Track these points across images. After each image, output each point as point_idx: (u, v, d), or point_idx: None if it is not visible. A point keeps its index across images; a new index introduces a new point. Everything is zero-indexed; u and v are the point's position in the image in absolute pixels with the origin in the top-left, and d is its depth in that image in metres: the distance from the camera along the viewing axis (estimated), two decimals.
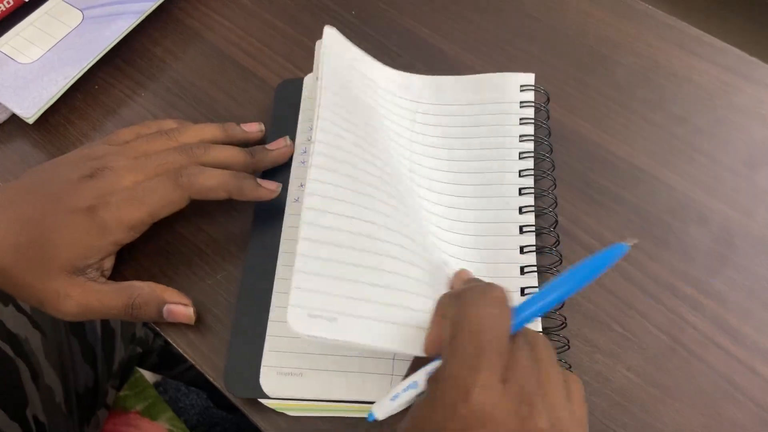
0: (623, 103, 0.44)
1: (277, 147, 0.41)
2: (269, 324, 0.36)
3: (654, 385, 0.35)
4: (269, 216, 0.40)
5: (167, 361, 0.73)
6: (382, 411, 0.28)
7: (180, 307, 0.37)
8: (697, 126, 0.43)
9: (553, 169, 0.40)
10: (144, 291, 0.37)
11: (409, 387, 0.28)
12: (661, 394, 0.35)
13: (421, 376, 0.28)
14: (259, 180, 0.39)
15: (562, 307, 0.36)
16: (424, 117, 0.42)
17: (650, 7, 0.48)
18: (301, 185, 0.40)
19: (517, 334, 0.29)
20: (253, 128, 0.42)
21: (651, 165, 0.42)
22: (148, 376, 0.75)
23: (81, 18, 0.47)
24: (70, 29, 0.46)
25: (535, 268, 0.37)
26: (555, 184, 0.40)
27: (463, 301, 0.29)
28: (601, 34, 0.47)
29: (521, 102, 0.42)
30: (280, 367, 0.35)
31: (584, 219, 0.40)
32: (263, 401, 0.35)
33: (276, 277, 0.38)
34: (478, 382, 0.26)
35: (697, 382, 0.35)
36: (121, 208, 0.36)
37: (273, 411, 0.36)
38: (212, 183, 0.37)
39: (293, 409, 0.35)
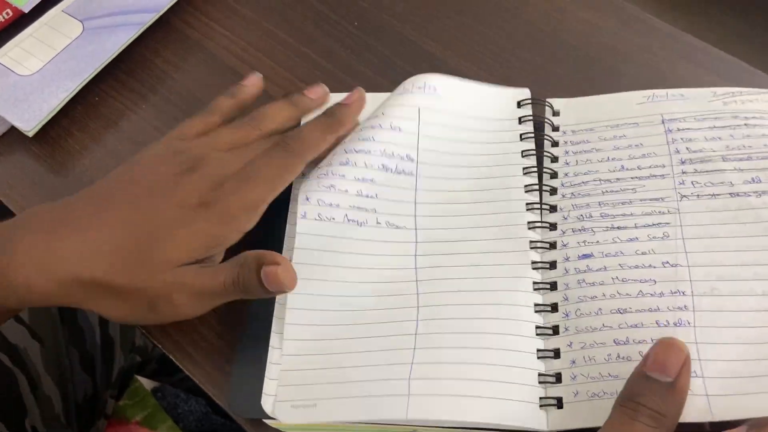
0: None
1: (316, 95, 0.41)
2: (270, 351, 0.36)
3: None
4: (272, 230, 0.39)
5: (166, 368, 0.73)
6: None
7: (272, 268, 0.32)
8: None
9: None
10: (248, 257, 0.33)
11: None
12: None
13: None
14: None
15: None
16: (428, 128, 0.42)
17: (655, 18, 0.48)
18: (307, 198, 0.39)
19: None
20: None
21: None
22: (146, 381, 0.75)
23: (81, 29, 0.47)
24: (71, 40, 0.46)
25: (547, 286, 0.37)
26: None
27: None
28: (605, 44, 0.47)
29: (520, 117, 0.42)
30: (291, 400, 0.34)
31: None
32: (268, 422, 0.35)
33: (276, 302, 0.37)
34: None
35: None
36: (240, 191, 0.35)
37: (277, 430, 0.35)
38: (316, 135, 0.38)
39: (298, 429, 0.35)
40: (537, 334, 0.35)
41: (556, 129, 0.42)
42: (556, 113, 0.43)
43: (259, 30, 0.49)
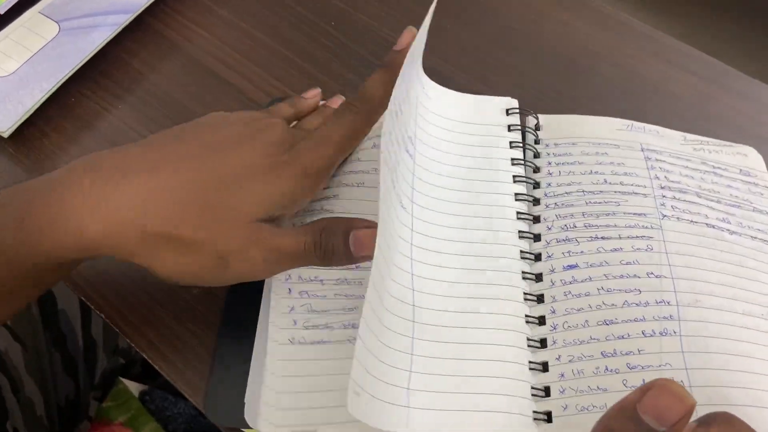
0: (602, 112, 0.44)
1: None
2: (266, 374, 0.34)
3: None
4: None
5: (152, 370, 0.72)
6: None
7: (364, 232, 0.31)
8: None
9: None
10: (332, 221, 0.32)
11: None
12: None
13: None
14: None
15: None
16: (423, 125, 0.40)
17: (630, 17, 0.48)
18: None
19: None
20: (312, 94, 0.42)
21: None
22: (134, 386, 0.74)
23: (57, 30, 0.47)
24: (47, 41, 0.46)
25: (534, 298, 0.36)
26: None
27: None
28: (581, 44, 0.47)
29: (509, 125, 0.42)
30: (287, 425, 0.33)
31: None
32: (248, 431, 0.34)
33: (269, 322, 0.36)
34: None
35: None
36: (314, 151, 0.34)
37: None
38: (380, 92, 0.36)
39: None
40: (528, 346, 0.34)
41: (537, 142, 0.42)
42: (538, 127, 0.43)
43: (237, 30, 0.49)
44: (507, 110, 0.42)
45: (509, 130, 0.42)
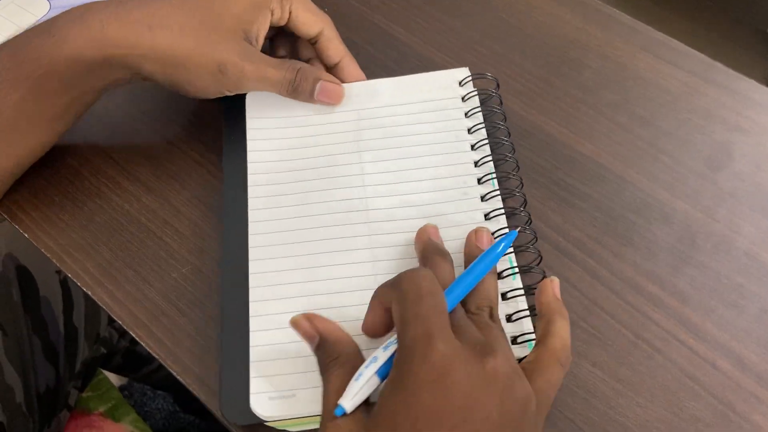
0: (590, 103, 0.45)
1: None
2: (251, 350, 0.34)
3: (618, 380, 0.36)
4: (236, 217, 0.39)
5: (132, 362, 0.72)
6: (349, 397, 0.28)
7: (331, 85, 0.42)
8: (661, 128, 0.44)
9: (518, 169, 0.40)
10: (304, 66, 0.41)
11: (370, 362, 0.29)
12: (625, 389, 0.36)
13: (379, 351, 0.29)
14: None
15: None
16: (368, 122, 0.42)
17: (618, 11, 0.49)
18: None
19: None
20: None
21: (616, 164, 0.43)
22: (114, 379, 0.73)
23: (48, 8, 0.46)
24: (37, 19, 0.46)
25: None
26: (522, 183, 0.40)
27: (401, 284, 0.30)
28: (570, 36, 0.48)
29: (463, 96, 0.42)
30: (270, 391, 0.33)
31: (551, 216, 0.41)
32: (273, 424, 0.34)
33: (250, 299, 0.36)
34: (437, 336, 0.28)
35: (659, 377, 0.36)
36: None
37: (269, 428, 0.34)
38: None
39: (295, 425, 0.34)
40: None
41: (501, 102, 0.42)
42: (498, 85, 0.43)
43: None
44: (460, 81, 0.43)
45: (464, 100, 0.42)
